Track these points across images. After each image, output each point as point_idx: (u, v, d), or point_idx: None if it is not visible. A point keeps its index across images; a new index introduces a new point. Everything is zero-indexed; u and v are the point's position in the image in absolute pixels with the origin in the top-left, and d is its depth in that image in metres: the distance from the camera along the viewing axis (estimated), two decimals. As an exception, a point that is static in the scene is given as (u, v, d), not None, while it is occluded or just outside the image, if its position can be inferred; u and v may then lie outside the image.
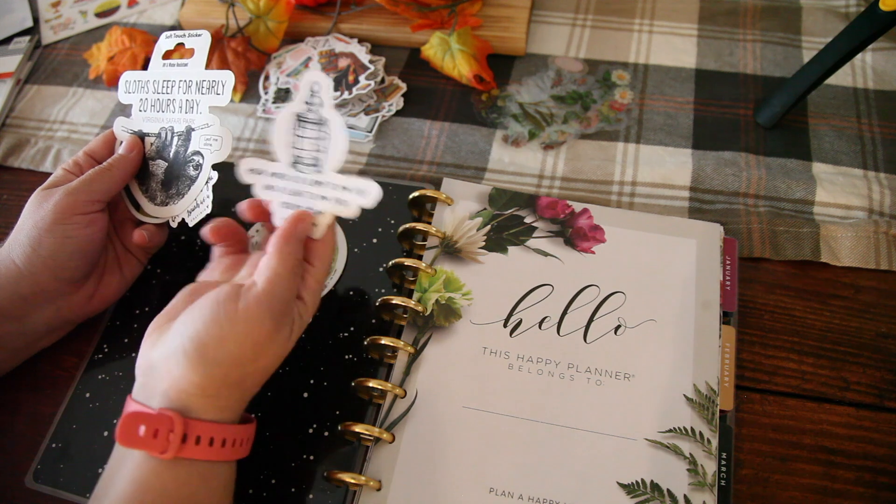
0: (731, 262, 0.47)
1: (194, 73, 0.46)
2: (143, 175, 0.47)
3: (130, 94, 0.49)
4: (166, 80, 0.47)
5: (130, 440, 0.33)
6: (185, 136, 0.46)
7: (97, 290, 0.46)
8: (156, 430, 0.33)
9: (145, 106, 0.48)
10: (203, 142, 0.45)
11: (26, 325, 0.44)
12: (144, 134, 0.48)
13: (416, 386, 0.43)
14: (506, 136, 0.56)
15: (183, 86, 0.46)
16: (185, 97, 0.46)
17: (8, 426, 0.46)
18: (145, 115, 0.48)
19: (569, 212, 0.48)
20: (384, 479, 0.40)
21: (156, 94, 0.47)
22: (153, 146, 0.47)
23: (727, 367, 0.43)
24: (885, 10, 0.45)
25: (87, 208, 0.43)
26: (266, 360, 0.37)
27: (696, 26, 0.62)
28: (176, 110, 0.46)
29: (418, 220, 0.49)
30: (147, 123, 0.48)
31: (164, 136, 0.47)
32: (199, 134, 0.45)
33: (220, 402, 0.35)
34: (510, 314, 0.45)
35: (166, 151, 0.47)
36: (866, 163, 0.53)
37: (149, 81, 0.48)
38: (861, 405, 0.43)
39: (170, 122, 0.47)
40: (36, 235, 0.42)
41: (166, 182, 0.46)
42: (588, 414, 0.41)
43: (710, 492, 0.39)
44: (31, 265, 0.42)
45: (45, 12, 0.72)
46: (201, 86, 0.45)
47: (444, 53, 0.59)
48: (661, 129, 0.56)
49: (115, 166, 0.45)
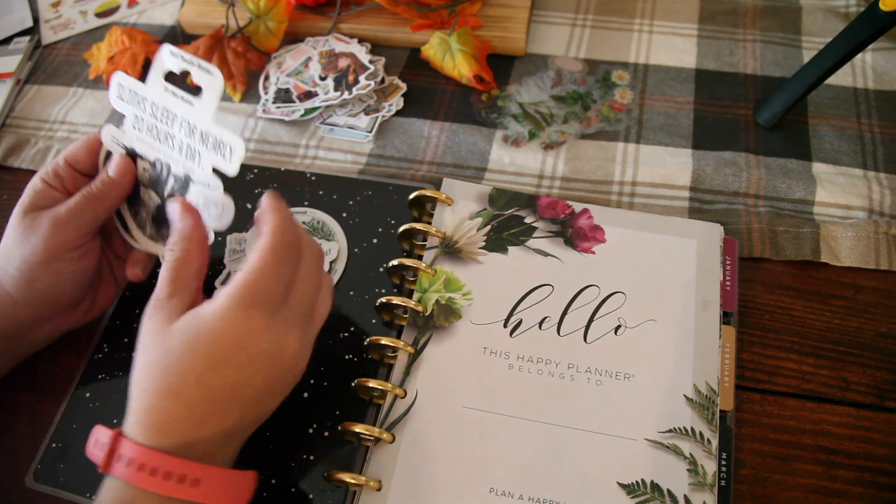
0: (731, 262, 0.47)
1: (201, 120, 0.39)
2: (134, 199, 0.43)
3: (124, 102, 0.42)
4: (167, 108, 0.40)
5: (88, 449, 0.35)
6: (182, 183, 0.40)
7: (94, 303, 0.46)
8: (95, 439, 0.35)
9: (140, 125, 0.41)
10: (202, 202, 0.39)
11: (23, 344, 0.44)
12: (137, 155, 0.42)
13: (416, 386, 0.43)
14: (506, 136, 0.56)
15: (186, 127, 0.39)
16: (186, 140, 0.40)
17: (8, 426, 0.46)
18: (139, 135, 0.42)
19: (569, 212, 0.48)
20: (384, 479, 0.40)
21: (153, 119, 0.41)
22: (147, 173, 0.42)
23: (727, 367, 0.43)
24: (885, 10, 0.45)
25: (79, 242, 0.41)
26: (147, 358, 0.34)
27: (696, 26, 0.62)
28: (175, 148, 0.40)
29: (418, 220, 0.49)
30: (141, 144, 0.42)
31: (159, 170, 0.41)
32: (199, 191, 0.40)
33: (151, 415, 0.34)
34: (510, 314, 0.45)
35: (160, 188, 0.41)
36: (866, 163, 0.53)
37: (146, 100, 0.41)
38: (861, 405, 0.43)
39: (167, 157, 0.41)
40: (27, 271, 0.40)
41: (158, 219, 0.42)
42: (588, 414, 0.41)
43: (710, 492, 0.39)
44: (27, 298, 0.41)
45: (45, 12, 0.72)
46: (206, 138, 0.39)
47: (444, 53, 0.59)
48: (661, 129, 0.56)
49: (105, 195, 0.41)
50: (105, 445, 0.33)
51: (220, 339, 0.34)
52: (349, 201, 0.51)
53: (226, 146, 0.38)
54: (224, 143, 0.38)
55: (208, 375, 0.34)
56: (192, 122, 0.39)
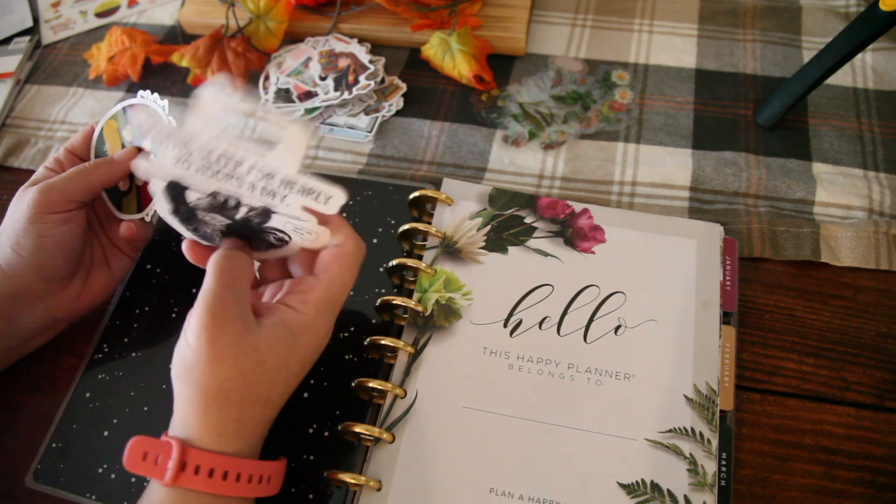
0: (731, 262, 0.47)
1: (282, 168, 0.34)
2: (190, 217, 0.38)
3: (151, 142, 0.36)
4: (228, 157, 0.34)
5: (135, 465, 0.33)
6: (260, 213, 0.37)
7: (85, 287, 0.46)
8: (157, 457, 0.33)
9: (186, 167, 0.35)
10: (292, 228, 0.37)
11: (17, 325, 0.44)
12: (185, 187, 0.36)
13: (416, 386, 0.43)
14: (506, 136, 0.56)
15: (259, 173, 0.35)
16: (262, 185, 0.35)
17: (8, 426, 0.46)
18: (186, 173, 0.35)
19: (569, 212, 0.48)
20: (384, 479, 0.40)
21: (206, 163, 0.35)
22: (202, 202, 0.36)
23: (727, 367, 0.43)
24: (885, 10, 0.45)
25: (62, 207, 0.42)
26: (239, 365, 0.34)
27: (696, 26, 0.62)
28: (245, 187, 0.35)
29: (418, 220, 0.49)
30: (191, 178, 0.35)
31: (222, 200, 0.36)
32: (285, 220, 0.37)
33: (214, 421, 0.34)
34: (510, 314, 0.45)
35: (227, 214, 0.37)
36: (866, 163, 0.53)
37: (191, 145, 0.34)
38: (861, 405, 0.43)
39: (232, 192, 0.36)
40: (13, 236, 0.42)
41: (231, 233, 0.39)
42: (588, 414, 0.41)
43: (710, 492, 0.39)
44: (13, 266, 0.42)
45: (45, 12, 0.72)
46: (291, 186, 0.35)
47: (444, 53, 0.59)
48: (661, 129, 0.56)
49: (96, 168, 0.43)
50: (169, 458, 0.33)
51: (308, 348, 0.37)
52: (349, 201, 0.51)
53: (319, 193, 0.35)
54: (316, 191, 0.35)
55: (292, 382, 0.37)
56: (271, 172, 0.35)
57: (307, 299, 0.36)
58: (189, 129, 0.34)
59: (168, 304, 0.48)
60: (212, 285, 0.35)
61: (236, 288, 0.35)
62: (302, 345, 0.36)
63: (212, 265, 0.36)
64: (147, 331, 0.47)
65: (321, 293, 0.37)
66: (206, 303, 0.34)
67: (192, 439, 0.34)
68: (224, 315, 0.34)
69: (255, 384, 0.34)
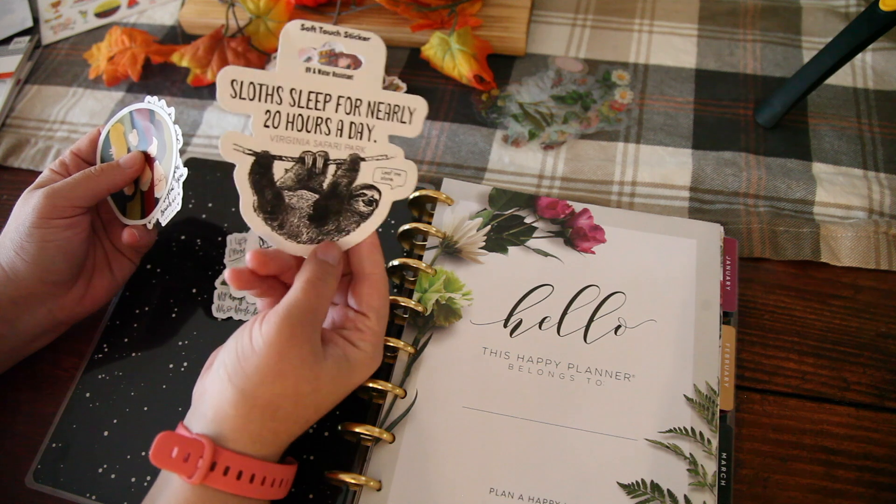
0: (731, 262, 0.47)
1: (366, 92, 0.36)
2: (276, 208, 0.38)
3: (244, 100, 0.36)
4: (315, 91, 0.36)
5: (163, 460, 0.33)
6: (348, 166, 0.37)
7: (87, 291, 0.46)
8: (187, 454, 0.33)
9: (276, 121, 0.36)
10: (380, 175, 0.37)
11: (18, 327, 0.44)
12: (273, 158, 0.37)
13: (416, 386, 0.43)
14: (506, 136, 0.56)
15: (347, 104, 0.36)
16: (348, 119, 0.36)
17: (8, 426, 0.46)
18: (275, 132, 0.36)
19: (569, 212, 0.48)
20: (384, 479, 0.40)
21: (295, 109, 0.36)
22: (290, 173, 0.37)
23: (727, 367, 0.43)
24: (885, 10, 0.45)
25: (67, 212, 0.42)
26: (297, 388, 0.34)
27: (696, 26, 0.62)
28: (332, 132, 0.37)
29: (418, 220, 0.49)
30: (277, 144, 0.37)
31: (309, 164, 0.37)
32: (373, 165, 0.37)
33: (252, 428, 0.34)
34: (510, 314, 0.45)
35: (315, 181, 0.37)
36: (866, 163, 0.53)
37: (281, 89, 0.36)
38: (861, 405, 0.43)
39: (320, 145, 0.37)
40: (17, 239, 0.42)
41: (318, 217, 0.38)
42: (588, 414, 0.41)
43: (710, 492, 0.39)
44: (16, 269, 0.42)
45: (45, 12, 0.72)
46: (376, 109, 0.36)
47: (444, 53, 0.59)
48: (661, 129, 0.56)
49: (102, 174, 0.44)
50: (200, 457, 0.33)
51: (359, 382, 0.38)
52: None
53: (403, 109, 0.36)
54: (401, 107, 0.36)
55: (332, 407, 0.38)
56: (355, 97, 0.36)
57: (365, 337, 0.38)
58: (280, 70, 0.36)
59: (168, 305, 0.48)
60: (300, 298, 0.35)
61: (318, 311, 0.36)
62: (355, 381, 0.38)
63: (304, 275, 0.36)
64: (147, 331, 0.47)
65: (378, 329, 0.38)
66: (290, 315, 0.34)
67: (225, 439, 0.34)
68: (300, 335, 0.34)
69: (303, 407, 0.35)
